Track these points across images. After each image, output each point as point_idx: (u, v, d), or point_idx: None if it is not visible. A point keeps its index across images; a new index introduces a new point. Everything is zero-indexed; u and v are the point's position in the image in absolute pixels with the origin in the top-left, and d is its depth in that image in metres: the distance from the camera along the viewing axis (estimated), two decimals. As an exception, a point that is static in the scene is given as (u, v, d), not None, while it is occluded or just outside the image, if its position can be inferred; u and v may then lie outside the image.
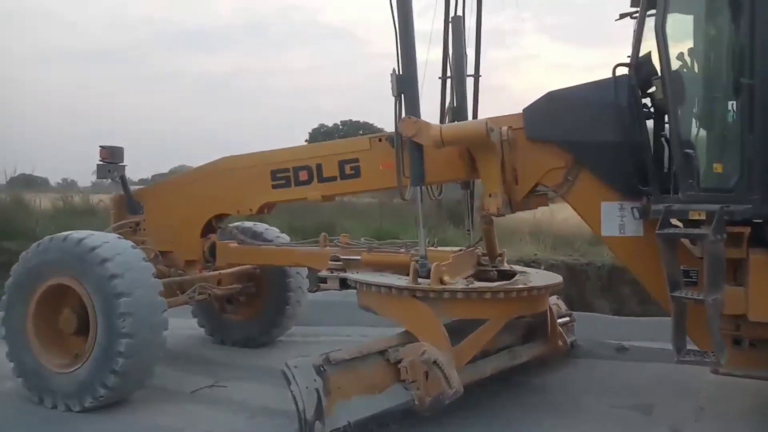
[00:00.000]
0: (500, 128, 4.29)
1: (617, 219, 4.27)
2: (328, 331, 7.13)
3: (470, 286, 4.14)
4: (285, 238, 6.68)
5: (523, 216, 9.25)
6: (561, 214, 10.46)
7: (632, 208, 4.18)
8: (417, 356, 3.99)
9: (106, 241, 4.55)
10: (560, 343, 5.19)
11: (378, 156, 4.87)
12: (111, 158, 5.67)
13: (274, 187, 5.24)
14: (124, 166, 5.79)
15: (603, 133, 4.20)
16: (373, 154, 4.90)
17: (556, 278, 4.82)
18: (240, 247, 5.61)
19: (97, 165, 5.65)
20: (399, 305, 4.24)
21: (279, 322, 6.49)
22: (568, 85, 4.37)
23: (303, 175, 5.16)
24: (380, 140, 4.88)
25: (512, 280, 4.44)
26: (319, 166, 5.09)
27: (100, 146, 5.65)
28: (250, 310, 6.46)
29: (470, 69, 16.50)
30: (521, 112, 4.46)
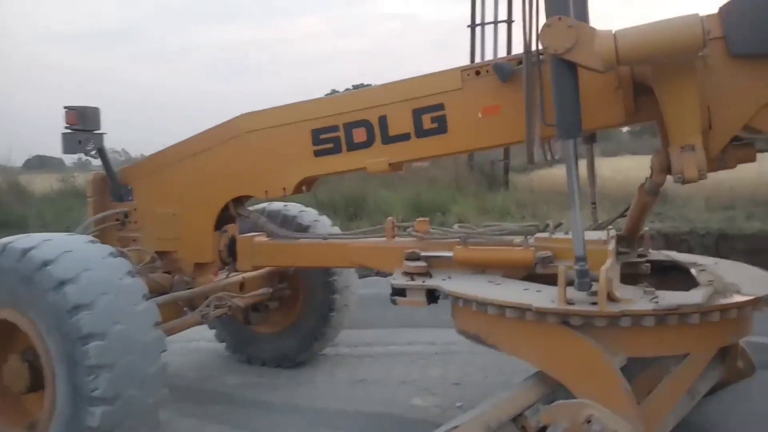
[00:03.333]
0: None
1: None
2: (381, 338, 5.54)
3: (661, 304, 2.45)
4: (325, 221, 5.03)
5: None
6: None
7: None
8: (576, 422, 2.38)
9: (66, 249, 2.89)
10: (742, 365, 3.53)
11: (475, 98, 3.18)
12: (82, 124, 4.00)
13: (317, 153, 3.57)
14: (102, 134, 4.11)
15: None
16: (467, 96, 3.20)
17: (763, 276, 3.09)
18: (271, 243, 3.96)
19: (62, 134, 3.99)
20: (538, 338, 2.60)
21: (321, 333, 4.89)
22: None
23: (359, 134, 3.48)
24: (478, 73, 3.18)
25: (709, 288, 2.70)
26: (382, 120, 3.41)
27: (66, 107, 3.99)
28: (283, 320, 4.86)
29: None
30: (717, 12, 2.71)
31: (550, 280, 2.73)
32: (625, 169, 11.09)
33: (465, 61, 13.81)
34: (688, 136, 2.50)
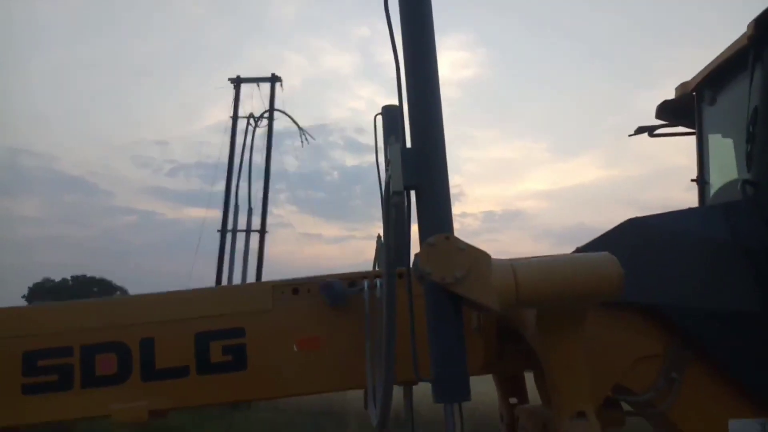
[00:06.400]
0: None
1: (758, 450, 2.33)
2: None
3: None
4: None
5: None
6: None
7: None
8: None
9: None
10: None
11: (290, 325, 2.38)
12: None
13: (26, 390, 2.30)
14: None
15: (739, 295, 2.39)
16: (277, 321, 2.39)
17: None
18: None
19: None
20: None
21: None
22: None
23: (105, 363, 2.36)
24: (296, 291, 2.42)
25: None
26: (146, 344, 2.37)
27: None
28: None
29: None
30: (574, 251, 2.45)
31: None
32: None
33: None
34: (579, 401, 1.99)
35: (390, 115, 2.71)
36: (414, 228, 1.88)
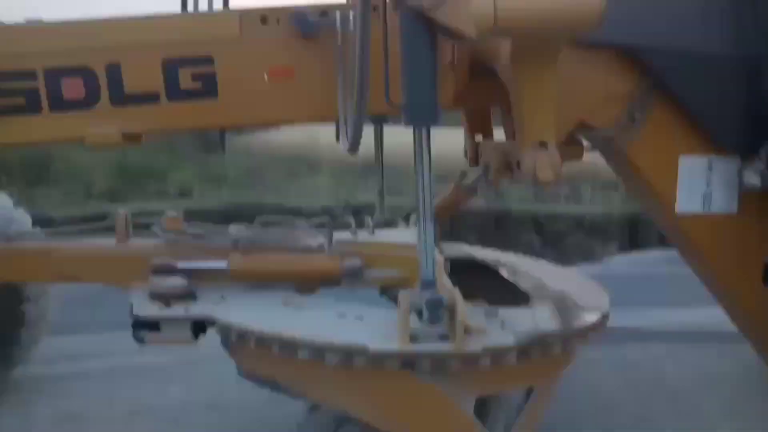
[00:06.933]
0: None
1: (701, 184, 2.53)
2: (96, 347, 4.28)
3: (520, 334, 1.98)
4: (5, 202, 3.55)
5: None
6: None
7: (742, 170, 2.47)
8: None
9: None
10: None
11: (259, 54, 2.33)
12: None
13: None
14: None
15: (708, 36, 2.37)
16: (247, 50, 2.33)
17: (579, 279, 2.84)
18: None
19: None
20: (369, 387, 1.95)
21: (5, 355, 3.55)
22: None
23: (73, 87, 2.34)
24: (265, 20, 2.32)
25: (549, 304, 2.32)
26: (113, 70, 2.33)
27: None
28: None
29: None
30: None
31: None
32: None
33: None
34: (543, 132, 2.07)
35: None
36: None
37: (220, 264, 2.38)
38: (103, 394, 3.60)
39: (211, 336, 2.32)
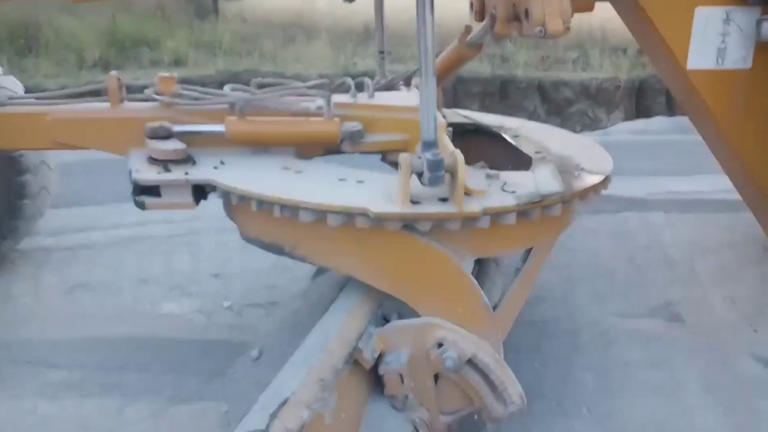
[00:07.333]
0: None
1: (716, 38, 2.40)
2: (100, 218, 4.34)
3: (521, 196, 1.96)
4: (12, 82, 3.43)
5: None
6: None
7: (761, 21, 2.33)
8: (422, 347, 1.95)
9: None
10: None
11: None
12: None
13: None
14: None
15: None
16: None
17: (584, 141, 2.78)
18: None
19: None
20: (370, 248, 1.97)
21: (10, 228, 3.60)
22: None
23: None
24: None
25: (551, 167, 2.27)
26: None
27: None
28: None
29: None
30: None
31: None
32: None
33: None
34: None
35: None
36: None
37: (218, 127, 2.32)
38: (109, 263, 3.69)
39: (216, 207, 2.32)
